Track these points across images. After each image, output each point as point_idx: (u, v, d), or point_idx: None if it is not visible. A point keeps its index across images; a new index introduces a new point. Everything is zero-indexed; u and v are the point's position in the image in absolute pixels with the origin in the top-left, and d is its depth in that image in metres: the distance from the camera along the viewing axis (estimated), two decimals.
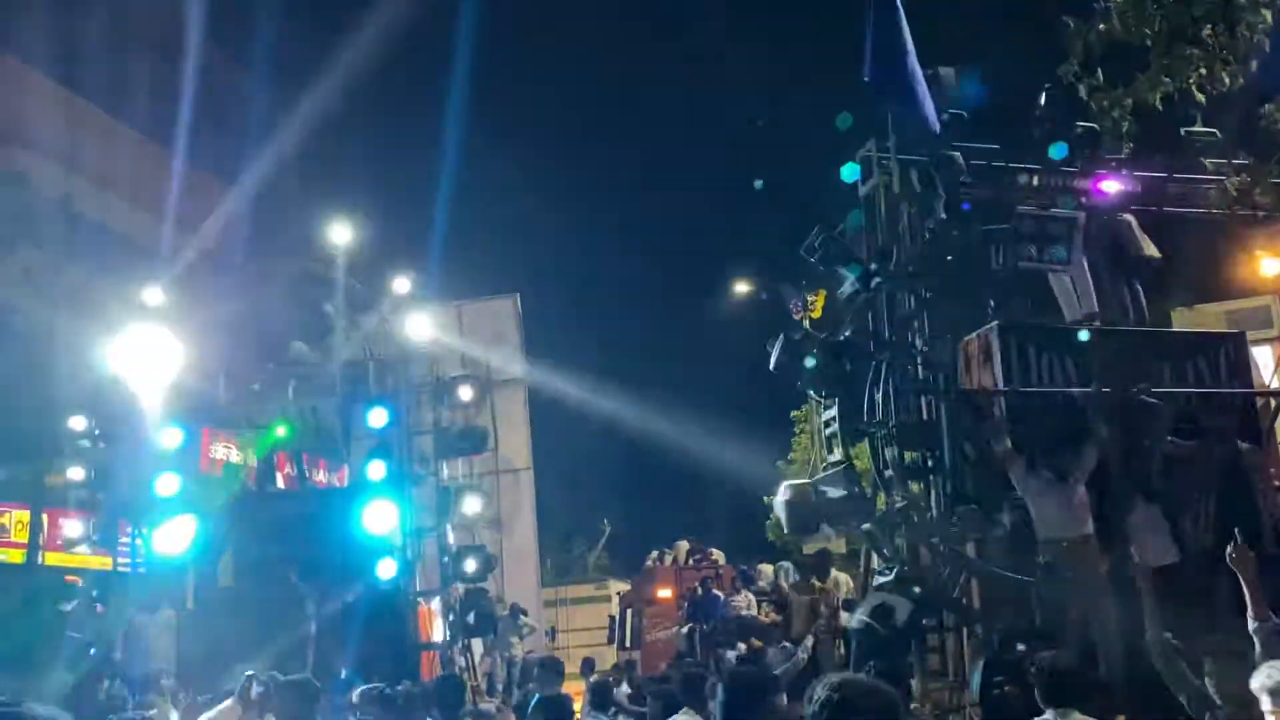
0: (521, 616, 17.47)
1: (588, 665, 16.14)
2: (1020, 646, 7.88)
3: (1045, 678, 4.87)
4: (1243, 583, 4.43)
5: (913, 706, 7.64)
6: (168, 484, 10.30)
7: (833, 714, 2.45)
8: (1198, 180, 9.36)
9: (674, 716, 5.58)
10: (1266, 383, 10.24)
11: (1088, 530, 7.61)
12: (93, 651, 10.06)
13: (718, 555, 22.74)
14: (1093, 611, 7.42)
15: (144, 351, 11.56)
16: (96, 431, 12.01)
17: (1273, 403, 9.43)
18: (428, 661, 11.42)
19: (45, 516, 14.06)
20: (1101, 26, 10.77)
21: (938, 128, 9.20)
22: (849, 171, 9.25)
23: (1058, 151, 9.24)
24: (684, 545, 23.47)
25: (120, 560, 11.12)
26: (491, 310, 19.71)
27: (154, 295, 12.16)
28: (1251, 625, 4.37)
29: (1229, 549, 5.54)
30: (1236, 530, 7.71)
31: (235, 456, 13.06)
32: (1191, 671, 4.77)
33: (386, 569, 10.29)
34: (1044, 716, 4.69)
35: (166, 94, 18.64)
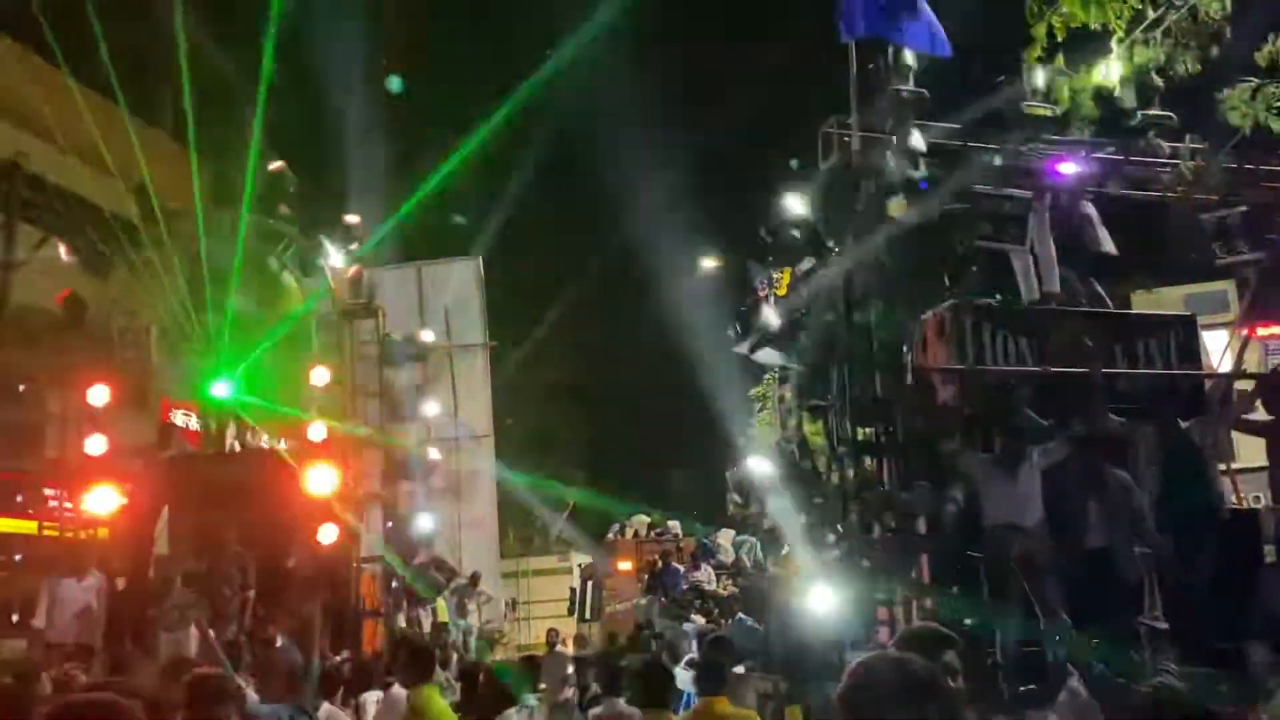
0: (479, 586, 17.39)
1: (554, 635, 16.17)
2: (968, 621, 7.93)
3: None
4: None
5: None
6: (97, 445, 9.98)
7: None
8: (1154, 163, 9.34)
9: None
10: (1216, 365, 10.30)
11: (1037, 517, 7.59)
12: (15, 618, 9.77)
13: (677, 528, 22.78)
14: (1034, 593, 7.43)
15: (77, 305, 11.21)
16: (20, 388, 11.57)
17: (1219, 385, 9.47)
18: (371, 630, 11.25)
19: None
20: (1064, 10, 10.69)
21: (948, 51, 8.94)
22: None
23: None
24: (644, 519, 23.47)
25: (46, 524, 10.71)
26: (454, 272, 19.11)
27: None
28: None
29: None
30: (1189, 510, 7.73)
31: (195, 423, 12.65)
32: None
33: (328, 534, 10.08)
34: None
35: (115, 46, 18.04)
